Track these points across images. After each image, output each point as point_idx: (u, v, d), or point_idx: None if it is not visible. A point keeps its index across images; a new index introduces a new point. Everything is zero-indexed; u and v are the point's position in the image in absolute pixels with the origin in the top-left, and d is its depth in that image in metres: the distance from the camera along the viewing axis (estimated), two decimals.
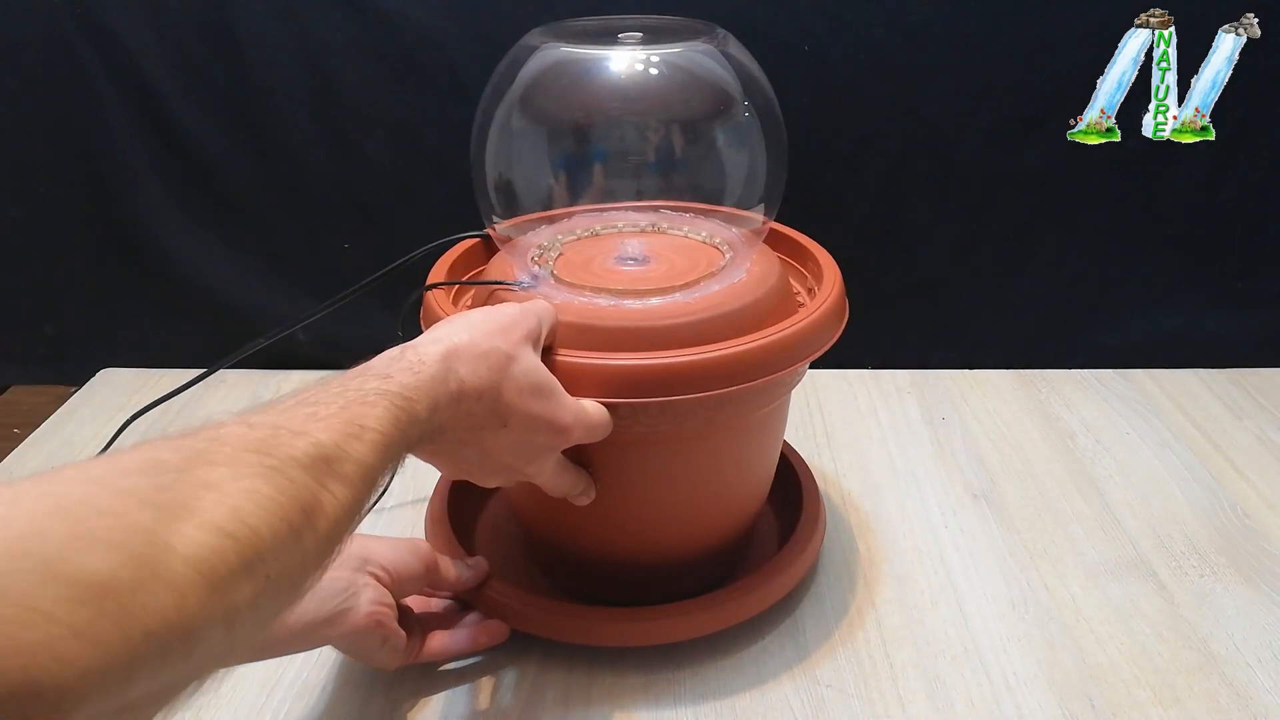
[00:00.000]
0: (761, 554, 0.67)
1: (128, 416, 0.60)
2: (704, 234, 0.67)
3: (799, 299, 0.65)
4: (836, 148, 0.91)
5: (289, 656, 0.62)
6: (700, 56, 0.61)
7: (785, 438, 0.77)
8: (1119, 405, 0.92)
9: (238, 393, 0.94)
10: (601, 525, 0.61)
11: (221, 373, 0.99)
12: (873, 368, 0.98)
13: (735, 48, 0.63)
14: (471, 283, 0.65)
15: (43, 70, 0.89)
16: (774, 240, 0.68)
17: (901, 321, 0.99)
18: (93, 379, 0.97)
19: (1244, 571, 0.70)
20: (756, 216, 0.64)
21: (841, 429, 0.88)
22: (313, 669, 0.62)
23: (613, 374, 0.52)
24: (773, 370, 0.54)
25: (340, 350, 0.96)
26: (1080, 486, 0.80)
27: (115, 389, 0.95)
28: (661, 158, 0.63)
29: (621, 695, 0.60)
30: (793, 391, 0.61)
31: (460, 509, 0.71)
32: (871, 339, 0.99)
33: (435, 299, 0.59)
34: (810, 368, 1.04)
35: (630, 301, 0.58)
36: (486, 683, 0.61)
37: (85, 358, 0.99)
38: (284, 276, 0.97)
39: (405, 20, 0.87)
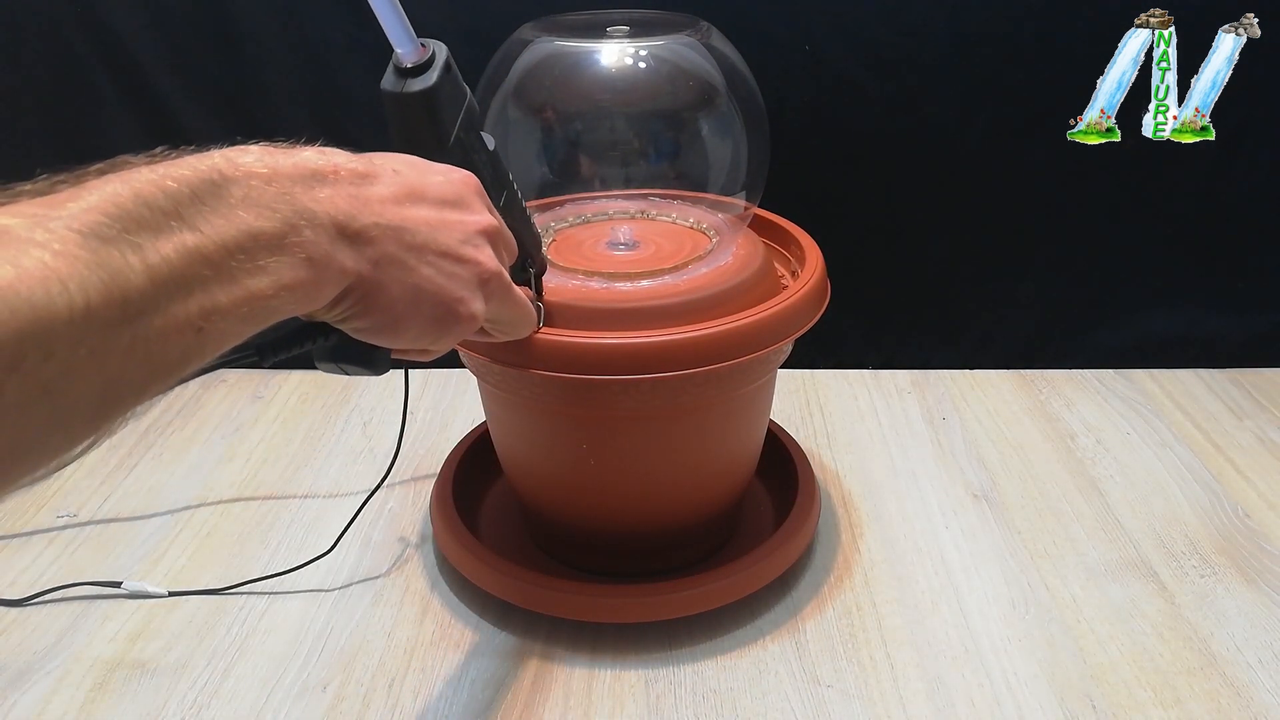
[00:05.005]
0: (759, 538, 0.68)
1: None
2: (691, 220, 0.69)
3: (783, 281, 0.67)
4: (836, 147, 0.91)
5: (288, 656, 0.62)
6: (684, 49, 0.63)
7: (788, 431, 0.78)
8: (1119, 405, 0.92)
9: (238, 392, 0.94)
10: (598, 498, 0.64)
11: (222, 372, 1.00)
12: (873, 368, 0.98)
13: (718, 40, 0.64)
14: None
15: (43, 70, 0.89)
16: (759, 225, 0.71)
17: (901, 321, 0.99)
18: None
19: (1245, 571, 0.70)
20: (740, 202, 0.67)
21: (842, 429, 0.88)
22: (313, 668, 0.62)
23: (606, 352, 0.54)
24: (758, 348, 0.57)
25: None
26: (1081, 487, 0.79)
27: None
28: (648, 146, 0.66)
29: (622, 695, 0.60)
30: (793, 391, 0.61)
31: (465, 490, 0.72)
32: (872, 339, 0.99)
33: None
34: (810, 368, 1.03)
35: (622, 284, 0.60)
36: (487, 682, 0.61)
37: None
38: None
39: None
